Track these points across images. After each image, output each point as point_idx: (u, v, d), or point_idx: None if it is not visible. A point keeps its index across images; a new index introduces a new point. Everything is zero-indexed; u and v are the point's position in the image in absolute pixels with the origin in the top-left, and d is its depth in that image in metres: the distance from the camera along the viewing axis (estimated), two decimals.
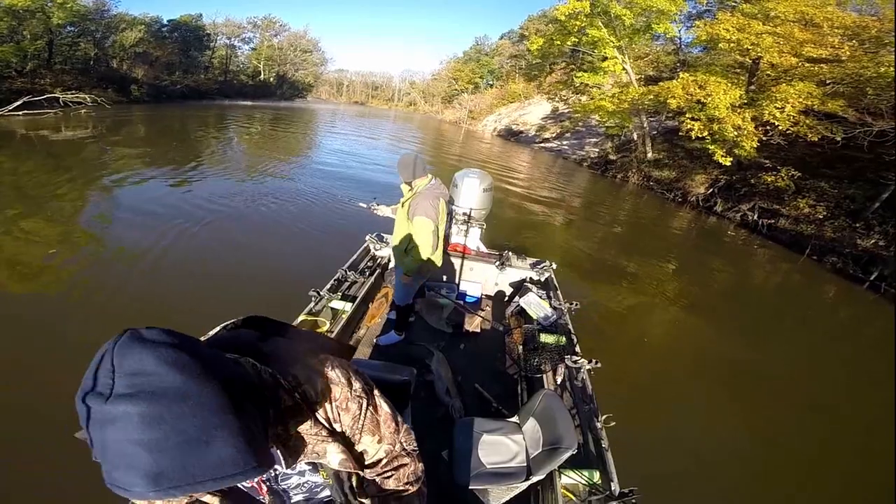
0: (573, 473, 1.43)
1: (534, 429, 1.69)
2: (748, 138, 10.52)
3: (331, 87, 65.57)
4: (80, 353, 2.35)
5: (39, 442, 2.10)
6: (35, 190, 6.22)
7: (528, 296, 2.56)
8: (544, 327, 2.39)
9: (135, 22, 26.34)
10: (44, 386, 2.45)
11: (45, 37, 18.36)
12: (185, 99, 26.09)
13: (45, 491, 1.96)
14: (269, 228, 5.72)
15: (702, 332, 4.70)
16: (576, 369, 1.91)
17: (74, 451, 2.06)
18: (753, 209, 10.25)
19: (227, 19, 40.09)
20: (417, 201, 2.15)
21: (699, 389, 3.48)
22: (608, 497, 1.36)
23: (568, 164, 19.02)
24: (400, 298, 2.45)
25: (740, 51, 11.24)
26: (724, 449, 2.84)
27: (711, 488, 2.46)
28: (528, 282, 2.94)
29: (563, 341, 2.23)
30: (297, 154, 12.84)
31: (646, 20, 14.06)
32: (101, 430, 0.39)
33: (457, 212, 3.12)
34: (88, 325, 3.09)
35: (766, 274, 7.79)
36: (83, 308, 3.35)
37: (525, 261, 3.10)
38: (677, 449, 2.68)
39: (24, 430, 2.18)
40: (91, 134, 11.58)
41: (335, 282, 2.49)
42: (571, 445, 1.44)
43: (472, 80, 44.00)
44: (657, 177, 13.84)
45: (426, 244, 2.14)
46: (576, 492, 1.42)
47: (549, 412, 1.65)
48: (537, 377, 2.03)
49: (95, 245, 4.64)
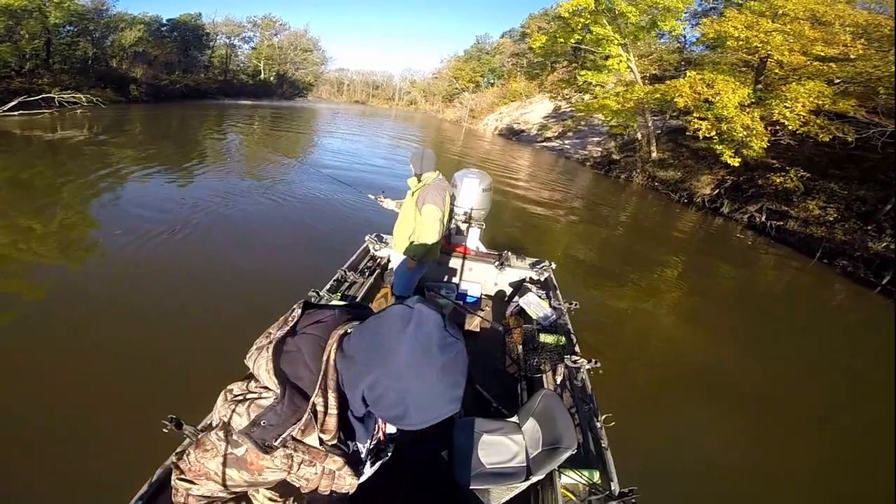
0: (573, 473, 1.44)
1: (533, 429, 1.71)
2: (758, 138, 10.50)
3: (331, 86, 65.92)
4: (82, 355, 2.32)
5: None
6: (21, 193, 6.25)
7: (527, 296, 2.58)
8: (544, 327, 2.41)
9: (134, 21, 26.57)
10: (40, 390, 2.49)
11: (43, 36, 18.51)
12: (184, 98, 26.22)
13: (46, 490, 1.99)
14: (270, 229, 5.76)
15: (704, 334, 4.70)
16: (575, 369, 1.93)
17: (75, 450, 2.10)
18: (761, 210, 10.22)
19: (226, 18, 40.43)
20: (427, 192, 2.35)
21: (700, 390, 3.50)
22: (608, 497, 1.37)
23: (570, 163, 19.04)
24: (402, 288, 2.53)
25: (748, 49, 11.25)
26: (725, 449, 2.86)
27: (711, 488, 2.48)
28: (527, 282, 2.96)
29: (562, 341, 2.25)
30: (297, 154, 12.92)
31: (651, 18, 14.09)
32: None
33: (456, 212, 3.15)
34: (102, 326, 3.12)
35: (775, 277, 7.77)
36: (95, 305, 3.39)
37: (524, 261, 3.13)
38: (677, 449, 2.71)
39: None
40: (84, 134, 11.67)
41: (335, 282, 2.51)
42: (571, 445, 1.45)
43: (472, 78, 44.15)
44: (662, 177, 13.84)
45: (433, 230, 2.33)
46: (576, 492, 1.43)
47: (548, 412, 1.67)
48: (537, 377, 2.05)
49: (95, 248, 4.69)
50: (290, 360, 0.63)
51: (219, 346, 2.84)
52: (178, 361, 2.80)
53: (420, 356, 0.56)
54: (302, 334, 0.65)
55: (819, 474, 2.78)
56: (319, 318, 0.66)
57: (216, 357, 2.44)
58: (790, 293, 7.04)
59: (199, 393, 1.67)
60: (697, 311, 5.40)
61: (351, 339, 0.62)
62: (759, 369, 3.99)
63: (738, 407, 3.33)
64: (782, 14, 10.56)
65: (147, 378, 2.65)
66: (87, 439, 2.20)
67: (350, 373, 0.60)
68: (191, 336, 3.13)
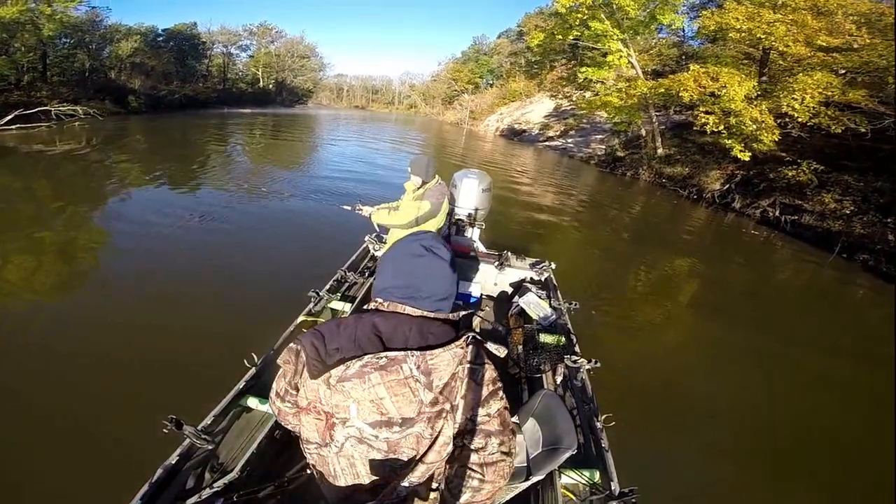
0: (573, 473, 1.44)
1: (533, 429, 1.71)
2: (768, 131, 10.44)
3: (331, 92, 66.76)
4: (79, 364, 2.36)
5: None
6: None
7: (527, 296, 2.58)
8: (544, 327, 2.40)
9: (130, 32, 27.14)
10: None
11: (39, 49, 18.89)
12: (183, 108, 26.63)
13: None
14: (271, 229, 5.87)
15: (708, 331, 4.66)
16: (575, 369, 1.93)
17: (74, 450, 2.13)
18: (774, 205, 10.12)
19: (222, 27, 41.14)
20: (428, 193, 2.50)
21: (700, 390, 3.49)
22: (608, 497, 1.37)
23: (574, 162, 19.05)
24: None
25: (750, 41, 11.25)
26: (726, 449, 2.86)
27: (712, 488, 2.48)
28: (527, 282, 2.97)
29: (562, 341, 2.25)
30: (297, 162, 13.08)
31: (649, 12, 14.15)
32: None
33: (456, 212, 3.18)
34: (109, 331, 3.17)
35: (791, 273, 7.67)
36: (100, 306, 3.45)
37: (524, 261, 3.14)
38: (678, 449, 2.71)
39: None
40: (81, 147, 11.89)
41: (335, 282, 2.53)
42: (571, 445, 1.45)
43: (471, 80, 44.47)
44: (669, 173, 13.79)
45: (408, 216, 2.49)
46: (576, 492, 1.43)
47: (548, 412, 1.66)
48: (537, 377, 2.05)
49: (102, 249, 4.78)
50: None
51: (219, 345, 2.89)
52: (178, 361, 2.85)
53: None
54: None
55: (821, 478, 2.74)
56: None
57: (216, 357, 2.47)
58: (807, 289, 6.96)
59: (200, 393, 1.70)
60: (705, 309, 5.35)
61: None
62: (767, 370, 3.94)
63: (739, 408, 3.32)
64: (782, 4, 10.56)
65: (147, 378, 2.69)
66: (86, 439, 2.24)
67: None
68: (191, 336, 3.19)
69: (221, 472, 1.34)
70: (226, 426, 1.49)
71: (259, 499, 1.32)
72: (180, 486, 1.26)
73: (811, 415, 3.39)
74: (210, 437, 1.38)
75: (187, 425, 1.32)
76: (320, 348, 0.82)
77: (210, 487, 1.27)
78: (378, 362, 0.79)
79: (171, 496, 1.23)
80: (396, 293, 0.90)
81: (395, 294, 0.90)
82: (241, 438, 1.47)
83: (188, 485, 1.28)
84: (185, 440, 1.33)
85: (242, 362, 1.69)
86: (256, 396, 1.58)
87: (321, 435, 0.84)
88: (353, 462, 0.82)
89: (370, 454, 0.81)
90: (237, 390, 1.58)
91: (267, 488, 1.31)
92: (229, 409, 1.53)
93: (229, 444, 1.44)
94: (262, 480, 1.38)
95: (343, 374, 0.79)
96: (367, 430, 0.80)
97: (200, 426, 1.39)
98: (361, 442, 0.81)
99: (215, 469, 1.35)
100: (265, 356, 1.75)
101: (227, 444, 1.44)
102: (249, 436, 1.47)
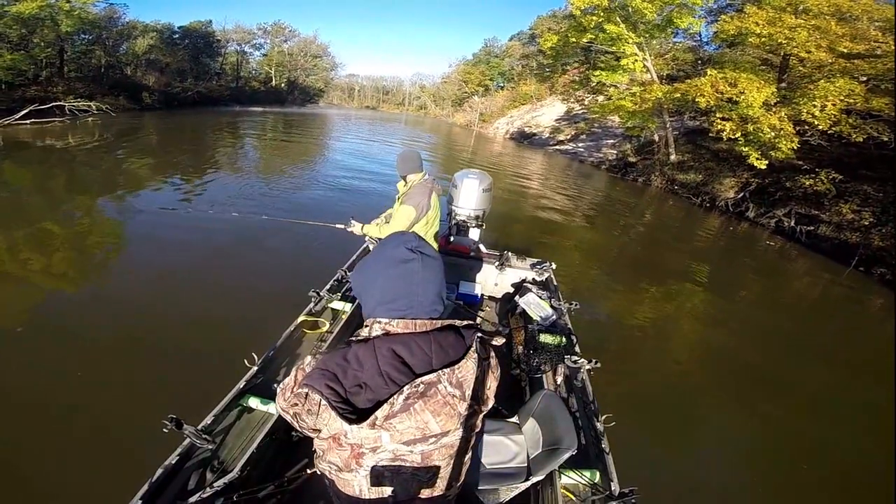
0: (573, 473, 1.45)
1: (534, 429, 1.71)
2: (786, 139, 10.27)
3: (342, 92, 67.52)
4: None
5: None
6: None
7: (527, 296, 2.59)
8: (544, 327, 2.41)
9: (146, 29, 27.78)
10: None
11: (56, 45, 19.31)
12: (196, 105, 27.00)
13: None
14: (270, 233, 5.90)
15: (713, 337, 4.63)
16: (576, 369, 1.93)
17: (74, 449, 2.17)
18: (790, 215, 9.95)
19: (236, 25, 41.83)
20: (410, 193, 2.36)
21: (700, 390, 3.48)
22: (608, 497, 1.37)
23: (584, 167, 18.97)
24: None
25: (771, 46, 11.13)
26: (726, 449, 2.86)
27: (712, 488, 2.48)
28: (527, 282, 2.97)
29: (563, 341, 2.25)
30: (307, 163, 13.22)
31: (666, 16, 14.08)
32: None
33: (456, 212, 3.18)
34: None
35: (805, 285, 7.54)
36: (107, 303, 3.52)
37: (525, 261, 3.15)
38: (678, 449, 2.71)
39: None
40: (92, 142, 12.16)
41: (335, 282, 2.55)
42: (571, 445, 1.46)
43: (482, 82, 44.61)
44: (682, 180, 13.66)
45: (418, 225, 2.34)
46: (576, 492, 1.43)
47: (549, 412, 1.67)
48: (537, 377, 2.05)
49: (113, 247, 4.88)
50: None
51: (219, 346, 2.93)
52: (178, 362, 2.88)
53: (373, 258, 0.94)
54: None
55: (822, 481, 2.71)
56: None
57: (216, 357, 2.52)
58: (822, 302, 6.83)
59: (200, 393, 1.74)
60: (709, 314, 5.30)
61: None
62: (769, 376, 3.89)
63: (739, 408, 3.31)
64: (804, 10, 10.43)
65: (147, 378, 2.72)
66: (86, 439, 2.27)
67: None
68: (191, 337, 3.22)
69: (222, 471, 1.34)
70: (226, 426, 1.50)
71: (259, 499, 1.34)
72: (180, 486, 1.28)
73: (811, 418, 3.36)
74: (210, 437, 1.40)
75: (187, 425, 1.34)
76: (338, 388, 0.76)
77: (210, 487, 1.27)
78: (418, 391, 0.77)
79: (171, 496, 1.24)
80: (397, 309, 0.85)
81: (395, 311, 0.85)
82: (241, 438, 1.47)
83: (188, 485, 1.29)
84: (186, 440, 1.35)
85: (241, 361, 1.71)
86: (257, 396, 1.59)
87: (344, 462, 0.80)
88: (381, 480, 0.79)
89: (402, 470, 0.80)
90: (237, 390, 1.59)
91: (267, 488, 1.34)
92: (230, 409, 1.54)
93: (229, 444, 1.45)
94: (262, 480, 1.40)
95: (390, 412, 0.76)
96: (401, 448, 0.78)
97: (201, 426, 1.41)
98: (395, 460, 0.79)
99: (215, 469, 1.35)
100: (266, 356, 1.77)
101: (228, 444, 1.44)
102: (250, 436, 1.48)
